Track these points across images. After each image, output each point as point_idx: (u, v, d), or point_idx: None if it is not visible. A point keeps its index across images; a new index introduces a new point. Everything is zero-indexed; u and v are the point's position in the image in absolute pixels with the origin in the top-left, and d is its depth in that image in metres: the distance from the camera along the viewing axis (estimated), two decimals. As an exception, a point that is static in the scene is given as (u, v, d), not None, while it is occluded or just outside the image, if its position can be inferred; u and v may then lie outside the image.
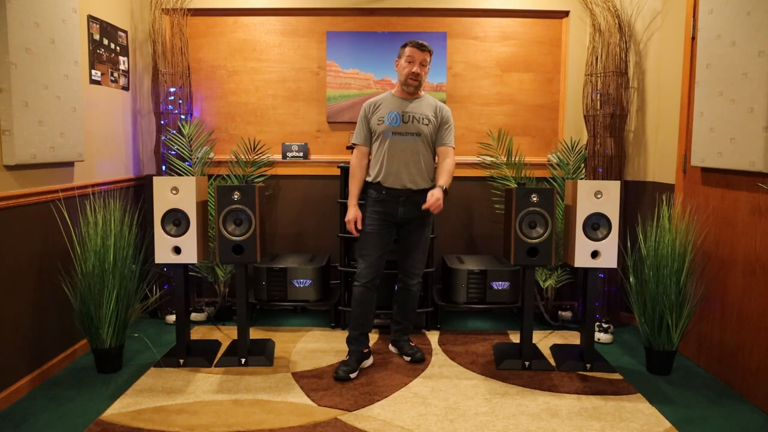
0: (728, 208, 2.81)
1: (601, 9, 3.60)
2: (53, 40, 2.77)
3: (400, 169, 2.89)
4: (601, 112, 3.60)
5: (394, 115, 2.91)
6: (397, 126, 2.90)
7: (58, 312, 2.92)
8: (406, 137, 2.89)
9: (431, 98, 3.03)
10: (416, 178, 2.90)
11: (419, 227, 2.98)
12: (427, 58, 2.90)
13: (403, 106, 2.93)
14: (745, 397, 2.67)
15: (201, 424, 2.37)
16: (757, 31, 2.51)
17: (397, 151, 2.89)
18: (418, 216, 2.94)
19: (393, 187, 2.89)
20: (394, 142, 2.89)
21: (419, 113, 2.92)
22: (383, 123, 2.91)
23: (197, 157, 3.70)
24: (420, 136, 2.90)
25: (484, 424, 2.40)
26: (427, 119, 2.92)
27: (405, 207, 2.92)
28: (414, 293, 3.09)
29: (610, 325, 3.48)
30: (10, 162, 2.51)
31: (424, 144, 2.92)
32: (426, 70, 2.94)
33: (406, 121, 2.90)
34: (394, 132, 2.90)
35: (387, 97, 3.00)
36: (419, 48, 2.88)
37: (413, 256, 3.01)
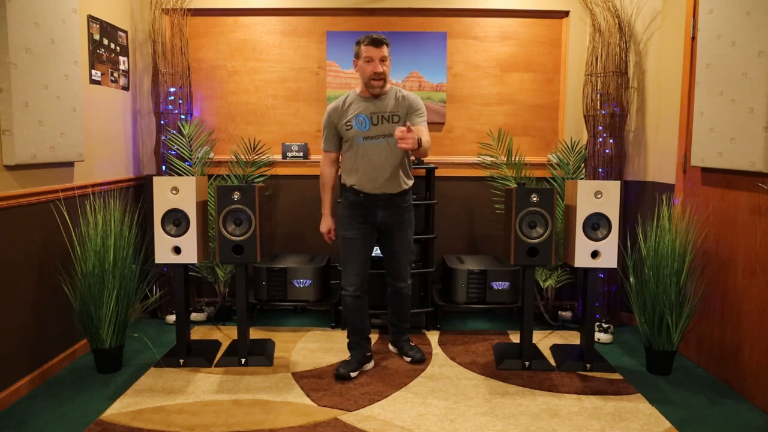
0: (728, 208, 2.81)
1: (601, 9, 3.60)
2: (53, 40, 2.77)
3: (377, 174, 2.78)
4: (601, 112, 3.60)
5: (362, 119, 2.78)
6: (367, 130, 2.77)
7: (58, 312, 2.92)
8: (378, 140, 2.77)
9: (395, 89, 2.87)
10: (395, 182, 2.81)
11: (400, 230, 2.90)
12: (384, 53, 2.73)
13: (370, 108, 2.80)
14: (745, 397, 2.67)
15: (201, 424, 2.37)
16: (757, 31, 2.51)
17: (371, 156, 2.77)
18: (398, 219, 2.87)
19: (371, 193, 2.80)
20: (367, 147, 2.78)
21: (388, 112, 2.79)
22: (352, 128, 2.79)
23: (197, 157, 3.70)
24: (392, 137, 2.74)
25: (484, 424, 2.40)
26: (396, 116, 2.79)
27: (385, 211, 2.83)
28: (405, 295, 3.04)
29: (610, 325, 3.48)
30: (10, 162, 2.51)
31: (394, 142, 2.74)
32: (388, 65, 2.77)
33: (375, 123, 2.77)
34: (365, 137, 2.77)
35: (352, 99, 2.85)
36: (375, 44, 2.72)
37: (399, 260, 2.94)
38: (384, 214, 2.84)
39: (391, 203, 2.83)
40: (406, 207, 2.90)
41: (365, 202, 2.82)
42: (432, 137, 3.94)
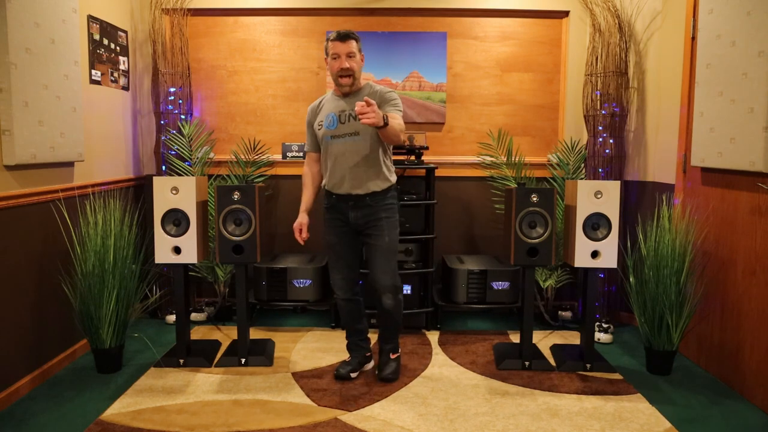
0: (728, 208, 2.81)
1: (601, 9, 3.60)
2: (53, 40, 2.77)
3: (344, 174, 2.67)
4: (601, 112, 3.60)
5: (331, 118, 2.69)
6: (334, 129, 2.67)
7: (58, 312, 2.92)
8: (345, 139, 2.66)
9: (372, 86, 2.75)
10: (362, 182, 2.66)
11: (374, 234, 2.71)
12: (352, 48, 2.61)
13: (339, 106, 2.70)
14: (745, 397, 2.67)
15: (201, 424, 2.37)
16: (757, 31, 2.51)
17: (338, 155, 2.67)
18: (371, 221, 2.70)
19: (340, 193, 2.70)
20: (334, 146, 2.68)
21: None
22: (322, 127, 2.72)
23: (197, 157, 3.70)
24: (359, 135, 2.64)
25: (484, 424, 2.40)
26: None
27: (355, 212, 2.70)
28: (388, 311, 2.75)
29: (610, 325, 3.48)
30: (10, 162, 2.51)
31: (366, 142, 2.65)
32: (358, 60, 2.65)
33: (343, 122, 2.67)
34: (333, 136, 2.68)
35: (327, 98, 2.78)
36: (341, 39, 2.61)
37: (374, 267, 2.71)
38: (355, 216, 2.71)
39: (362, 204, 2.69)
40: (380, 208, 2.70)
41: (337, 203, 2.74)
42: (432, 137, 3.96)
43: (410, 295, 3.55)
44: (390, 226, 2.72)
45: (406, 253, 3.54)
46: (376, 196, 2.68)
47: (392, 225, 2.73)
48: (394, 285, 2.72)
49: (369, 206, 2.68)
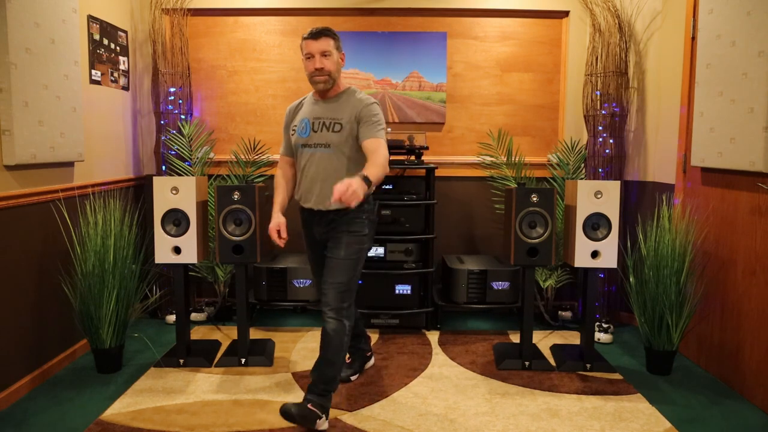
0: (728, 208, 2.81)
1: (601, 9, 3.60)
2: (53, 40, 2.77)
3: (311, 188, 2.47)
4: (601, 112, 3.60)
5: (304, 124, 2.49)
6: (306, 137, 2.46)
7: (58, 312, 2.92)
8: (315, 150, 2.44)
9: (357, 95, 2.50)
10: (327, 199, 2.39)
11: (332, 245, 2.45)
12: (326, 46, 2.40)
13: (315, 112, 2.49)
14: (745, 397, 2.67)
15: (201, 424, 2.37)
16: (757, 31, 2.51)
17: (307, 166, 2.47)
18: (333, 235, 2.47)
19: (308, 208, 2.51)
20: (304, 155, 2.48)
21: (330, 118, 2.45)
22: (295, 133, 2.52)
23: (197, 157, 3.70)
24: (329, 147, 2.42)
25: (484, 424, 2.40)
26: (338, 123, 2.42)
27: (320, 227, 2.51)
28: (329, 335, 2.35)
29: (610, 325, 3.48)
30: (10, 162, 2.51)
31: (336, 156, 2.42)
32: (334, 59, 2.43)
33: (315, 130, 2.45)
34: (304, 144, 2.47)
35: (306, 100, 2.58)
36: (313, 37, 2.40)
37: (325, 283, 2.40)
38: (319, 231, 2.52)
39: (325, 219, 2.47)
40: (344, 222, 2.44)
41: (307, 217, 2.56)
42: (432, 137, 3.96)
43: (410, 295, 3.55)
44: (350, 241, 2.42)
45: (406, 253, 3.54)
46: (341, 213, 2.43)
47: (354, 241, 2.42)
48: (339, 306, 2.36)
49: (334, 221, 2.46)
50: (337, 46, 2.47)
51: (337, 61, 2.47)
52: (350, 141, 2.42)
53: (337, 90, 2.51)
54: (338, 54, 2.48)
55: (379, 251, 3.55)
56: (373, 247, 3.53)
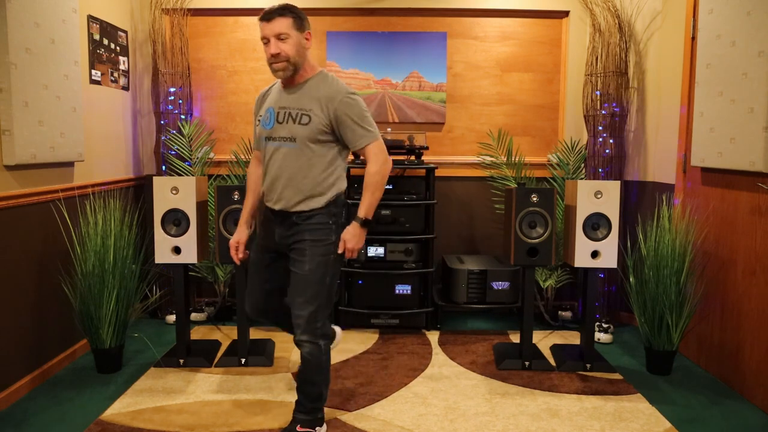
0: (728, 208, 2.81)
1: (601, 9, 3.60)
2: (53, 40, 2.77)
3: (274, 185, 2.18)
4: (601, 112, 3.60)
5: (268, 114, 2.19)
6: (270, 128, 2.17)
7: (58, 312, 2.92)
8: (279, 143, 2.14)
9: (329, 81, 2.18)
10: (290, 199, 2.15)
11: (295, 258, 2.17)
12: (282, 28, 2.09)
13: (280, 101, 2.18)
14: (745, 397, 2.67)
15: (201, 424, 2.37)
16: (757, 31, 2.51)
17: (271, 162, 2.18)
18: (293, 242, 2.18)
19: (270, 207, 2.23)
20: (269, 149, 2.18)
21: (297, 108, 2.13)
22: (259, 125, 2.24)
23: (197, 157, 3.70)
24: (295, 142, 2.11)
25: (484, 424, 2.40)
26: (307, 116, 2.11)
27: (280, 229, 2.21)
28: (306, 359, 2.17)
29: (610, 325, 3.48)
30: (10, 162, 2.51)
31: (303, 152, 2.12)
32: (293, 42, 2.11)
33: (280, 121, 2.15)
34: (268, 137, 2.18)
35: (275, 87, 2.28)
36: (266, 19, 2.11)
37: (293, 301, 2.17)
38: (280, 233, 2.22)
39: (288, 221, 2.18)
40: (307, 228, 2.15)
41: (269, 216, 2.26)
42: (432, 137, 3.96)
43: (410, 295, 3.55)
44: (315, 252, 2.14)
45: (406, 253, 3.54)
46: (307, 215, 2.16)
47: (319, 251, 2.14)
48: (311, 327, 2.14)
49: (295, 223, 2.17)
50: (297, 26, 2.14)
51: (299, 42, 2.13)
52: (320, 135, 2.11)
53: (304, 75, 2.18)
54: (300, 34, 2.14)
55: (379, 251, 3.55)
56: (373, 247, 3.54)
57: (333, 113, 2.10)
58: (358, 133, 2.12)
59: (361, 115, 2.12)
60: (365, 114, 2.14)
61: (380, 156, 2.15)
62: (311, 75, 2.20)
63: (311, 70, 2.21)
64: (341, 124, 2.11)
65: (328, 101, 2.11)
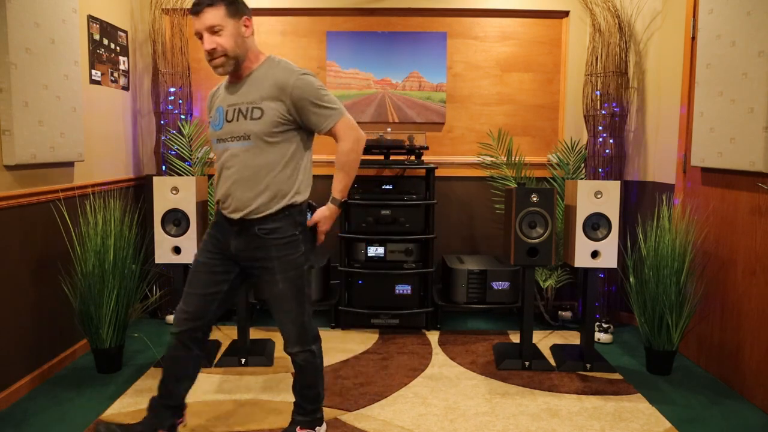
0: (728, 208, 2.81)
1: (601, 9, 3.60)
2: (53, 40, 2.77)
3: (229, 191, 1.98)
4: (601, 112, 3.60)
5: (218, 114, 2.01)
6: (220, 129, 1.98)
7: (58, 312, 2.92)
8: (232, 144, 1.96)
9: (280, 65, 2.01)
10: (248, 204, 1.95)
11: (266, 273, 2.02)
12: (214, 20, 1.88)
13: (228, 98, 2.00)
14: (745, 397, 2.67)
15: (201, 424, 2.37)
16: (757, 31, 2.51)
17: (226, 165, 1.99)
18: (260, 256, 2.00)
19: (225, 214, 2.02)
20: (222, 153, 1.99)
21: (247, 102, 1.94)
22: (210, 126, 2.07)
23: (197, 157, 3.70)
24: (249, 139, 1.93)
25: (484, 424, 2.40)
26: (258, 109, 1.92)
27: (238, 240, 2.01)
28: (301, 366, 2.10)
29: (610, 325, 3.48)
30: (10, 162, 2.51)
31: (260, 149, 1.93)
32: (229, 32, 1.90)
33: (230, 119, 1.96)
34: (219, 139, 1.99)
35: (222, 86, 2.09)
36: (195, 12, 1.90)
37: (276, 317, 2.06)
38: (237, 245, 2.02)
39: (248, 231, 1.99)
40: (272, 242, 1.98)
41: (223, 223, 2.05)
42: (432, 137, 3.96)
43: (410, 295, 3.55)
44: (285, 266, 1.99)
45: (406, 253, 3.54)
46: (267, 222, 1.97)
47: (289, 265, 2.00)
48: (303, 338, 2.06)
49: (257, 237, 1.98)
50: (231, 13, 1.91)
51: (237, 32, 1.92)
52: (276, 128, 1.93)
53: (250, 66, 2.00)
54: (237, 22, 1.92)
55: (379, 251, 3.55)
56: (373, 247, 3.54)
57: (289, 100, 1.93)
58: (323, 115, 1.96)
59: (318, 94, 1.95)
60: (323, 92, 1.97)
61: (351, 132, 2.01)
62: (258, 64, 2.01)
63: (257, 59, 2.02)
64: (301, 110, 1.94)
65: (281, 88, 1.93)
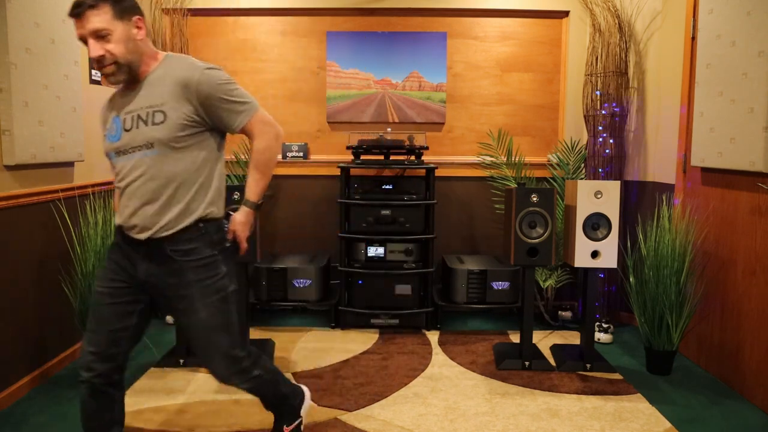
0: (728, 208, 2.81)
1: (601, 9, 3.60)
2: (53, 40, 2.77)
3: (133, 209, 1.73)
4: (601, 112, 3.60)
5: (114, 125, 1.76)
6: (117, 141, 1.73)
7: (58, 312, 2.92)
8: (133, 156, 1.71)
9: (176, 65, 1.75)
10: (157, 220, 1.73)
11: (182, 307, 1.78)
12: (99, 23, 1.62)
13: (125, 104, 1.74)
14: (745, 397, 2.67)
15: (201, 424, 2.37)
16: (757, 31, 2.51)
17: (126, 180, 1.74)
18: (174, 282, 1.76)
19: (129, 235, 1.77)
20: (123, 166, 1.74)
21: (147, 106, 1.71)
22: (105, 140, 1.80)
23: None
24: (153, 148, 1.70)
25: (484, 424, 2.40)
26: (161, 112, 1.70)
27: (147, 264, 1.76)
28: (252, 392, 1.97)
29: (610, 325, 3.48)
30: (10, 162, 2.51)
31: (166, 157, 1.71)
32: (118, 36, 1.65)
33: (128, 128, 1.71)
34: (118, 151, 1.74)
35: (118, 92, 1.81)
36: (76, 15, 1.64)
37: (200, 352, 1.85)
38: (148, 270, 1.77)
39: (159, 252, 1.75)
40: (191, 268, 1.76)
41: (125, 245, 1.80)
42: (432, 137, 3.96)
43: (410, 295, 3.55)
44: (206, 294, 1.77)
45: (406, 253, 3.54)
46: (179, 241, 1.74)
47: (211, 292, 1.78)
48: (239, 369, 1.86)
49: (170, 260, 1.75)
50: (118, 14, 1.65)
51: (127, 35, 1.67)
52: (182, 131, 1.71)
53: (146, 69, 1.74)
54: (127, 24, 1.67)
55: (379, 251, 3.55)
56: (373, 247, 3.54)
57: (195, 98, 1.71)
58: (235, 111, 1.76)
59: (228, 90, 1.74)
60: (233, 86, 1.76)
61: (268, 128, 1.81)
62: (155, 65, 1.76)
63: (154, 60, 1.76)
64: (210, 109, 1.73)
65: (184, 86, 1.70)
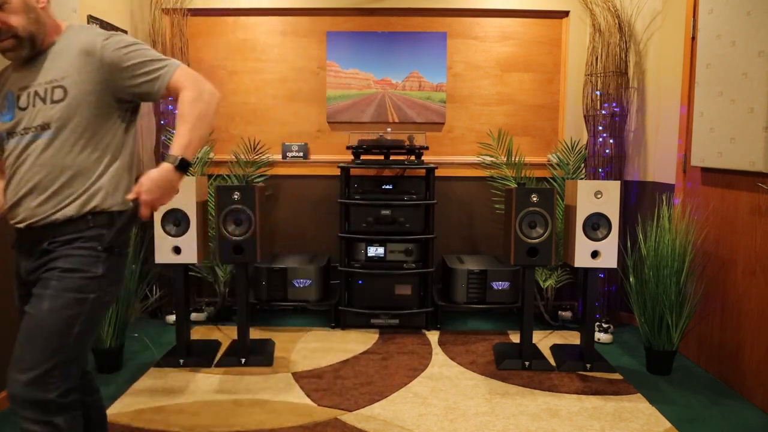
0: (728, 208, 2.81)
1: (601, 9, 3.60)
2: (53, 40, 2.76)
3: (22, 197, 1.54)
4: (601, 112, 3.60)
5: (6, 102, 1.58)
6: (11, 121, 1.55)
7: (58, 312, 2.91)
8: (27, 137, 1.53)
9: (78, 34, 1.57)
10: (46, 210, 1.52)
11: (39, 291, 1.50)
12: None
13: (21, 79, 1.56)
14: (745, 397, 2.67)
15: (201, 424, 2.37)
16: (757, 31, 2.51)
17: (17, 164, 1.54)
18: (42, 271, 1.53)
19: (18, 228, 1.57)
20: (13, 149, 1.55)
21: (45, 81, 1.53)
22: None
23: (197, 157, 3.70)
24: (50, 129, 1.51)
25: (484, 424, 2.40)
26: (61, 87, 1.51)
27: (28, 262, 1.58)
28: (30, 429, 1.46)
29: (610, 325, 3.48)
30: None
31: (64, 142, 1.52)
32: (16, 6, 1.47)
33: (24, 107, 1.54)
34: (10, 132, 1.56)
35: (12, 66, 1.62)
36: None
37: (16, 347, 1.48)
38: (26, 267, 1.58)
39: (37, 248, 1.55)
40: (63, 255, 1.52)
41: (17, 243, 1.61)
42: (432, 137, 3.96)
43: (410, 295, 3.55)
44: (64, 285, 1.49)
45: (406, 253, 3.54)
46: (61, 232, 1.53)
47: (71, 284, 1.50)
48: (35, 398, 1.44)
49: (47, 251, 1.54)
50: None
51: (26, 4, 1.50)
52: (86, 110, 1.53)
53: (48, 40, 1.56)
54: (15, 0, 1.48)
55: (379, 251, 3.55)
56: (373, 247, 3.54)
57: (102, 68, 1.52)
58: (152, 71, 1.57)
59: (139, 52, 1.55)
60: (142, 48, 1.57)
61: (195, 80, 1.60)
62: (56, 36, 1.58)
63: (56, 31, 1.58)
64: (120, 76, 1.54)
65: (88, 54, 1.52)
